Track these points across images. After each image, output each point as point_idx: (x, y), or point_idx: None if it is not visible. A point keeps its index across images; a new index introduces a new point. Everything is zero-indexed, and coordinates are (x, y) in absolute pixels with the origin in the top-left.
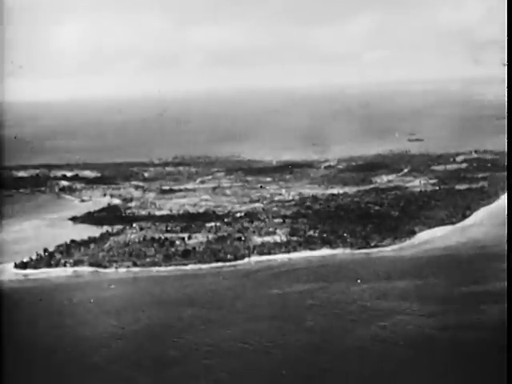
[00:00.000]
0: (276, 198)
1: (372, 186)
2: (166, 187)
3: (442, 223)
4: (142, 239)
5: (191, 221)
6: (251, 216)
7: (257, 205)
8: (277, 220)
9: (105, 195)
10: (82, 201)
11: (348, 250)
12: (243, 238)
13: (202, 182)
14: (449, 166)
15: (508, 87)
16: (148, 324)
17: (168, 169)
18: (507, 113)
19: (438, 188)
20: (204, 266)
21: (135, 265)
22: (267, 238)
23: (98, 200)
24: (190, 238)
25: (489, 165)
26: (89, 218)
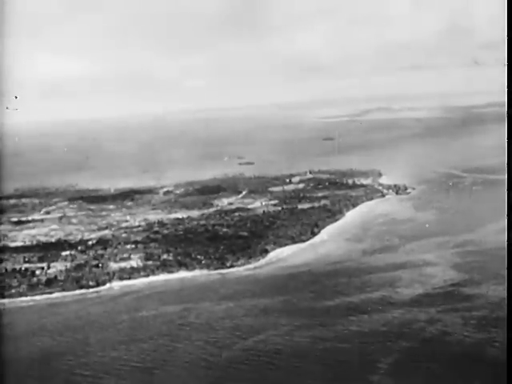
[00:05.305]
0: (123, 225)
1: (214, 208)
2: (15, 219)
3: (293, 241)
4: (3, 271)
5: (46, 250)
6: (103, 243)
7: (106, 232)
8: (129, 246)
9: None
10: None
11: (205, 271)
12: (100, 265)
13: (48, 213)
14: (286, 187)
15: (508, 87)
16: (31, 352)
17: (12, 201)
18: (507, 113)
19: (280, 208)
20: (68, 294)
21: (3, 296)
22: (123, 264)
23: None
24: (49, 267)
25: (326, 184)
26: None
